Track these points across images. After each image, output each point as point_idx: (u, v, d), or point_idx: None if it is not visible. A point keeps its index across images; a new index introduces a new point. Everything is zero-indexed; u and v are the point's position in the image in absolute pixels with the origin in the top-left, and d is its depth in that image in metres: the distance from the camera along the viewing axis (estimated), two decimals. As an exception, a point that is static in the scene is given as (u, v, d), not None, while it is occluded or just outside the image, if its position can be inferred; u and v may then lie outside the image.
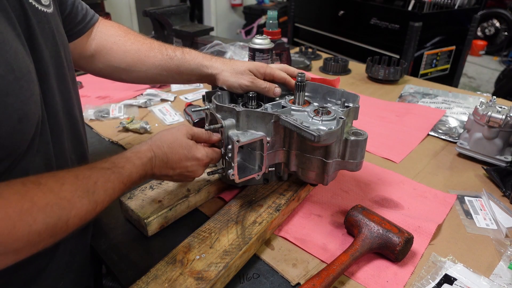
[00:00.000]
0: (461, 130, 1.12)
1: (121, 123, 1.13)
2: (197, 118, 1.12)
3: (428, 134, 1.13)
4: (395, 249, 0.64)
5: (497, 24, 5.07)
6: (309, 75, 0.86)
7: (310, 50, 1.83)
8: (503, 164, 0.93)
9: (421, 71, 2.54)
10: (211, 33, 1.93)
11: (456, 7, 2.56)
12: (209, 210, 0.80)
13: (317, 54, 1.85)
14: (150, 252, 0.70)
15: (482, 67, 4.69)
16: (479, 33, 5.20)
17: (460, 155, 1.01)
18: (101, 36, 0.83)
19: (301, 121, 0.68)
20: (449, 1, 2.58)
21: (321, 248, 0.70)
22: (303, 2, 3.21)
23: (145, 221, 0.70)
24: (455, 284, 0.63)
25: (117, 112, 1.23)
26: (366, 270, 0.66)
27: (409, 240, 0.66)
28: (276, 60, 1.41)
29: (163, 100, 1.35)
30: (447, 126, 1.17)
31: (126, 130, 1.13)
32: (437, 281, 0.63)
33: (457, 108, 1.29)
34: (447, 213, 0.80)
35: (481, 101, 0.95)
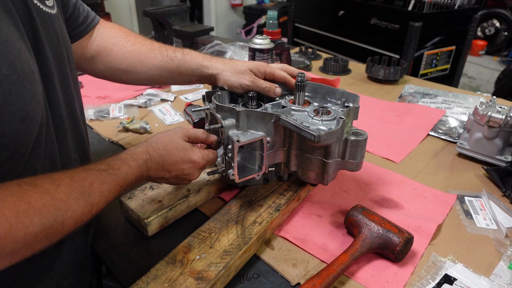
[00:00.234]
0: (461, 130, 1.12)
1: (121, 123, 1.13)
2: (197, 118, 1.12)
3: (428, 134, 1.13)
4: (395, 249, 0.64)
5: (497, 24, 5.07)
6: (309, 75, 0.86)
7: (310, 50, 1.83)
8: (503, 164, 0.93)
9: (421, 71, 2.54)
10: (211, 33, 1.93)
11: (456, 7, 2.56)
12: (209, 210, 0.80)
13: (317, 54, 1.85)
14: (150, 252, 0.70)
15: (482, 67, 4.69)
16: (479, 33, 5.19)
17: (460, 155, 1.01)
18: (102, 38, 0.83)
19: (301, 121, 0.68)
20: (449, 1, 2.58)
21: (321, 248, 0.70)
22: (303, 2, 3.21)
23: (145, 221, 0.70)
24: (455, 284, 0.63)
25: (117, 112, 1.23)
26: (366, 270, 0.66)
27: (409, 240, 0.66)
28: (276, 60, 1.41)
29: (163, 100, 1.35)
30: (447, 126, 1.17)
31: (126, 130, 1.13)
32: (437, 281, 0.63)
33: (457, 108, 1.29)
34: (447, 213, 0.80)
35: (481, 101, 0.95)
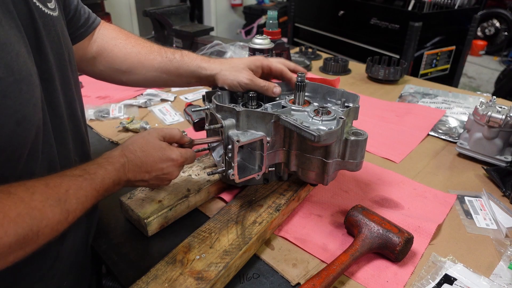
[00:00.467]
0: (461, 130, 1.12)
1: (121, 123, 1.13)
2: (197, 118, 1.12)
3: (428, 134, 1.13)
4: (395, 249, 0.64)
5: (497, 24, 5.07)
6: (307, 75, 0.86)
7: (310, 50, 1.83)
8: (503, 164, 0.93)
9: (421, 71, 2.54)
10: (211, 33, 1.93)
11: (456, 7, 2.56)
12: (209, 210, 0.80)
13: (317, 54, 1.85)
14: (150, 252, 0.70)
15: (482, 67, 4.69)
16: (479, 33, 5.19)
17: (460, 155, 1.01)
18: (102, 39, 0.83)
19: (301, 121, 0.68)
20: (449, 1, 2.58)
21: (321, 248, 0.70)
22: (303, 2, 3.21)
23: (145, 221, 0.70)
24: (455, 284, 0.63)
25: (117, 112, 1.23)
26: (366, 270, 0.66)
27: (409, 240, 0.66)
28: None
29: (163, 100, 1.35)
30: (447, 126, 1.17)
31: (126, 130, 1.13)
32: (437, 281, 0.63)
33: (457, 108, 1.29)
34: (447, 213, 0.80)
35: (481, 101, 0.95)
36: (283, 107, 0.77)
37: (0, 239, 0.40)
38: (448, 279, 0.64)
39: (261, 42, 1.08)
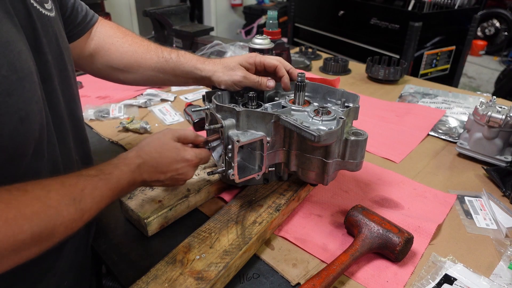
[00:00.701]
0: (461, 130, 1.12)
1: (121, 123, 1.13)
2: (197, 118, 1.12)
3: (428, 134, 1.13)
4: (395, 249, 0.64)
5: (497, 24, 5.07)
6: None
7: (310, 50, 1.83)
8: (503, 164, 0.93)
9: (421, 71, 2.54)
10: (211, 33, 1.94)
11: (456, 7, 2.56)
12: (209, 210, 0.80)
13: (317, 54, 1.85)
14: (150, 252, 0.70)
15: (482, 67, 4.69)
16: (479, 33, 5.19)
17: (460, 155, 1.01)
18: (100, 37, 0.83)
19: (301, 121, 0.68)
20: (449, 1, 2.58)
21: (321, 248, 0.70)
22: (303, 2, 3.21)
23: (145, 221, 0.70)
24: (455, 284, 0.63)
25: (117, 112, 1.23)
26: (366, 270, 0.66)
27: (409, 240, 0.66)
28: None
29: (163, 100, 1.35)
30: (447, 126, 1.17)
31: (126, 130, 1.13)
32: (437, 281, 0.63)
33: (457, 108, 1.29)
34: (447, 213, 0.80)
35: (481, 101, 0.95)
36: (283, 107, 0.77)
37: (15, 236, 0.41)
38: (448, 279, 0.64)
39: (261, 42, 1.08)
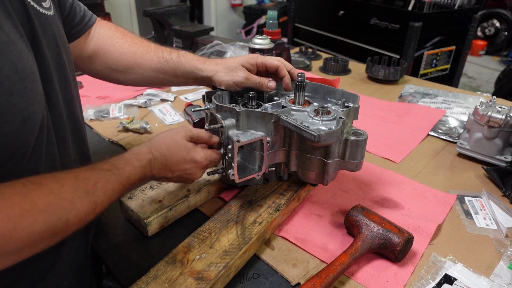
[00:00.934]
0: (461, 130, 1.12)
1: (121, 123, 1.13)
2: (197, 118, 1.12)
3: (428, 134, 1.13)
4: (395, 249, 0.64)
5: (497, 24, 5.07)
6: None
7: (310, 50, 1.83)
8: (503, 164, 0.93)
9: (421, 71, 2.54)
10: (211, 33, 1.94)
11: (456, 7, 2.56)
12: (209, 210, 0.80)
13: (317, 54, 1.85)
14: (150, 252, 0.70)
15: (482, 67, 4.69)
16: (479, 33, 5.19)
17: (460, 155, 1.01)
18: (99, 38, 0.83)
19: (301, 121, 0.68)
20: (449, 1, 2.58)
21: (321, 248, 0.70)
22: (303, 2, 3.21)
23: (145, 221, 0.70)
24: (455, 284, 0.63)
25: (117, 112, 1.23)
26: (366, 270, 0.66)
27: (409, 240, 0.66)
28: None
29: (163, 100, 1.35)
30: (447, 126, 1.17)
31: (126, 130, 1.13)
32: (437, 281, 0.63)
33: (457, 108, 1.29)
34: (447, 213, 0.80)
35: (481, 101, 0.95)
36: (283, 107, 0.77)
37: (30, 227, 0.43)
38: (448, 279, 0.64)
39: (261, 42, 1.08)
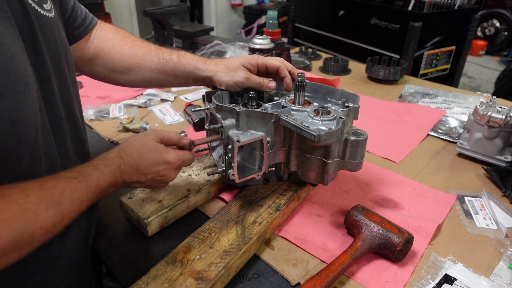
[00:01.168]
0: (461, 130, 1.12)
1: (121, 123, 1.13)
2: (197, 118, 1.12)
3: (428, 134, 1.13)
4: (395, 249, 0.64)
5: (497, 24, 5.07)
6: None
7: (310, 50, 1.83)
8: (503, 164, 0.93)
9: (421, 71, 2.54)
10: (211, 33, 1.94)
11: (456, 7, 2.56)
12: (209, 210, 0.80)
13: (317, 54, 1.85)
14: (150, 252, 0.70)
15: (482, 67, 4.69)
16: (479, 33, 5.19)
17: (460, 155, 1.01)
18: (100, 40, 0.83)
19: (301, 121, 0.68)
20: (449, 1, 2.58)
21: (321, 248, 0.70)
22: (303, 2, 3.21)
23: (145, 221, 0.70)
24: (455, 284, 0.63)
25: (117, 112, 1.23)
26: (366, 270, 0.66)
27: (409, 240, 0.66)
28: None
29: (163, 100, 1.35)
30: (447, 126, 1.17)
31: (126, 130, 1.13)
32: (437, 281, 0.63)
33: (457, 108, 1.29)
34: (447, 213, 0.80)
35: (481, 101, 0.95)
36: (283, 107, 0.77)
37: None
38: (448, 279, 0.64)
39: (261, 42, 1.08)
